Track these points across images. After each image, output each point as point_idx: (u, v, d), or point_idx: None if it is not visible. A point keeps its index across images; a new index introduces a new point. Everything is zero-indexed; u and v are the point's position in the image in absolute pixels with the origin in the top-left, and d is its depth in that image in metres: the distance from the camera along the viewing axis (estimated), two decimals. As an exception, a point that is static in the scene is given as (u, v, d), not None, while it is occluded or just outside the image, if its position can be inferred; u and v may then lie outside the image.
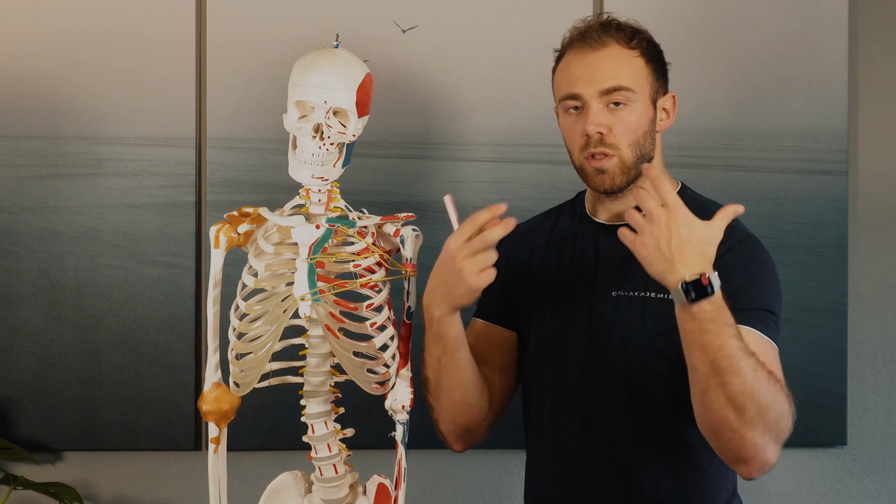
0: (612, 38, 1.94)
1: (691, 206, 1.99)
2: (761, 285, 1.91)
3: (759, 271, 1.92)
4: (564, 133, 1.98)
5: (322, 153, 1.75)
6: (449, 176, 2.73)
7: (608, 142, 1.92)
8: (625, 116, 1.92)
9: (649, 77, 1.96)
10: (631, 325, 1.93)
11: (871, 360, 2.85)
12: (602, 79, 1.91)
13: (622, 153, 1.92)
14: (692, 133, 2.74)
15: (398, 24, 2.71)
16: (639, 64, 1.94)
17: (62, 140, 2.69)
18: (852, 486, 2.84)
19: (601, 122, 1.91)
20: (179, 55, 2.69)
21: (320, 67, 1.75)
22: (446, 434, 2.04)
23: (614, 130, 1.92)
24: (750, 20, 2.75)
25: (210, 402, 1.81)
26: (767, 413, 1.72)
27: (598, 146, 1.92)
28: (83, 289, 2.68)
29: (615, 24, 1.96)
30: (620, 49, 1.94)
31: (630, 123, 1.92)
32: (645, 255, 1.72)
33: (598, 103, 1.91)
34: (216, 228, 1.79)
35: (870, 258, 2.84)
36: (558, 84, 1.99)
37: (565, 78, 1.96)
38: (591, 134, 1.91)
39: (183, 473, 2.75)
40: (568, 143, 1.98)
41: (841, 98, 2.76)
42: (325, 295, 1.72)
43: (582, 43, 1.95)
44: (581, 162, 1.96)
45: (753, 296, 1.88)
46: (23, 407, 2.68)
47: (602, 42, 1.93)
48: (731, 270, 1.86)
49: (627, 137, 1.92)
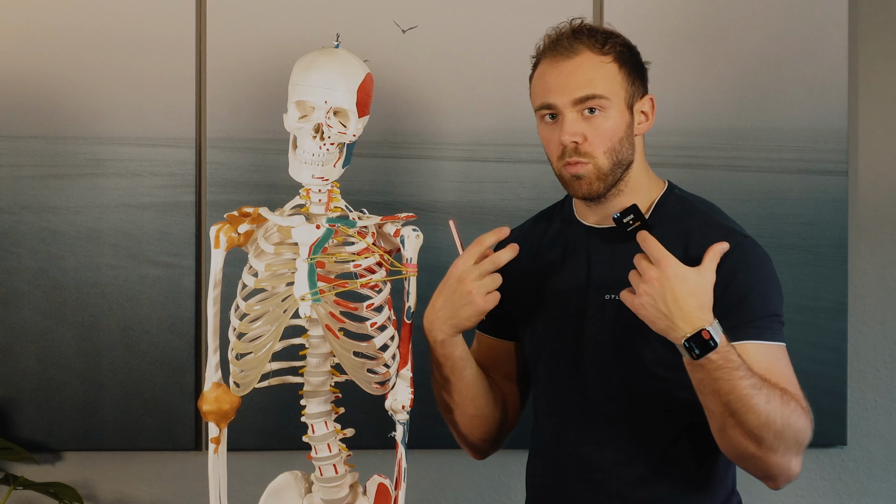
0: (584, 45, 1.92)
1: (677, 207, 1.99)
2: (764, 290, 1.91)
3: (760, 275, 1.91)
4: (543, 142, 1.98)
5: (322, 153, 1.75)
6: (449, 176, 2.73)
7: (583, 150, 1.90)
8: (599, 123, 1.90)
9: (623, 82, 1.93)
10: (625, 329, 1.93)
11: (871, 360, 2.85)
12: (575, 87, 1.90)
13: (597, 161, 1.91)
14: (692, 133, 2.74)
15: (398, 24, 2.71)
16: (612, 70, 1.92)
17: (62, 140, 2.69)
18: (852, 486, 2.85)
19: (575, 131, 1.90)
20: (179, 55, 2.69)
21: (321, 67, 1.75)
22: (467, 446, 2.10)
23: (589, 139, 1.90)
24: (750, 20, 2.75)
25: (210, 402, 1.81)
26: (786, 435, 1.78)
27: (573, 155, 1.91)
28: (83, 289, 2.68)
29: (587, 29, 1.94)
30: (592, 56, 1.91)
31: (605, 130, 1.91)
32: (646, 315, 1.77)
33: (573, 112, 1.90)
34: (216, 228, 1.79)
35: (870, 258, 2.84)
36: (534, 93, 1.98)
37: (540, 87, 1.95)
38: (565, 143, 1.90)
39: (183, 473, 2.75)
40: (547, 152, 1.98)
41: (841, 98, 2.76)
42: (325, 295, 1.72)
43: (553, 51, 1.93)
44: (559, 170, 1.95)
45: (758, 304, 1.88)
46: (23, 407, 2.68)
47: (574, 49, 1.92)
48: (732, 278, 1.87)
49: (603, 145, 1.91)
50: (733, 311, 1.87)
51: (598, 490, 1.97)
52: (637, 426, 1.95)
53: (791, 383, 1.85)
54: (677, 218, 1.97)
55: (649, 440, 1.95)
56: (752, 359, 1.85)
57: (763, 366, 1.85)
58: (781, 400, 1.77)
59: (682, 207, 1.99)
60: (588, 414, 1.98)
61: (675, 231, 1.94)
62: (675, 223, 1.96)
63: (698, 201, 2.02)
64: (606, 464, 1.97)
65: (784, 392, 1.79)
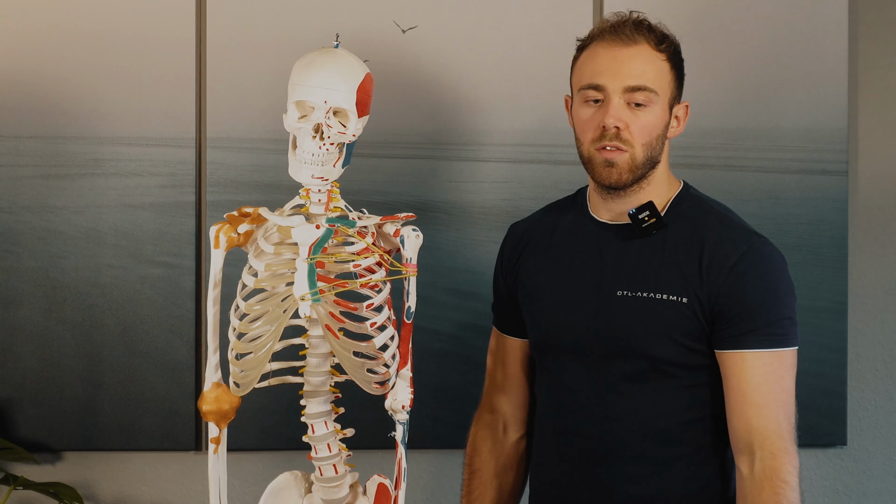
0: (644, 38, 1.94)
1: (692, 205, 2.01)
2: (774, 294, 1.92)
3: (770, 279, 1.93)
4: (578, 122, 1.98)
5: (322, 153, 1.75)
6: (449, 176, 2.73)
7: (623, 137, 1.92)
8: (643, 116, 1.93)
9: (671, 83, 1.97)
10: (638, 325, 1.94)
11: (871, 360, 2.85)
12: (628, 75, 1.92)
13: (635, 151, 1.93)
14: (692, 133, 2.73)
15: (398, 24, 2.71)
16: (665, 67, 1.95)
17: (62, 140, 2.69)
18: (852, 486, 2.85)
19: (621, 116, 1.92)
20: (179, 55, 2.69)
21: (320, 67, 1.75)
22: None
23: (631, 128, 1.92)
24: (750, 20, 2.75)
25: (210, 402, 1.81)
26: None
27: (613, 140, 1.92)
28: (83, 289, 2.68)
29: (647, 24, 1.97)
30: (650, 49, 1.94)
31: (647, 124, 1.93)
32: None
33: (620, 98, 1.92)
34: (216, 228, 1.79)
35: (870, 258, 2.84)
36: (580, 72, 1.98)
37: (590, 68, 1.96)
38: (608, 126, 1.92)
39: (183, 473, 2.75)
40: (579, 133, 1.98)
41: (841, 98, 2.76)
42: (325, 295, 1.72)
43: (613, 36, 1.95)
44: (590, 152, 1.96)
45: (766, 309, 1.90)
46: (23, 407, 2.68)
47: (633, 39, 1.94)
48: (742, 283, 1.89)
49: (642, 137, 1.93)
50: (742, 318, 1.89)
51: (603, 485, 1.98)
52: (644, 423, 1.95)
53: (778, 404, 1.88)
54: (692, 217, 1.99)
55: (658, 439, 1.95)
56: (747, 370, 1.88)
57: (756, 380, 1.88)
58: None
59: (697, 207, 2.01)
60: (599, 412, 1.98)
61: (690, 230, 1.96)
62: (689, 222, 1.98)
63: (713, 201, 2.04)
64: (613, 462, 1.97)
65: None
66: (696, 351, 1.93)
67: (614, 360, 1.96)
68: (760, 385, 1.88)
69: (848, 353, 2.77)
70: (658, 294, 1.93)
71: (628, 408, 1.96)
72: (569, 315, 2.00)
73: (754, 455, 1.88)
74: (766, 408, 1.88)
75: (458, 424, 2.60)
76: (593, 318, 1.98)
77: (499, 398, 2.19)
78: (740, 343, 1.89)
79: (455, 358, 2.69)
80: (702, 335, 1.93)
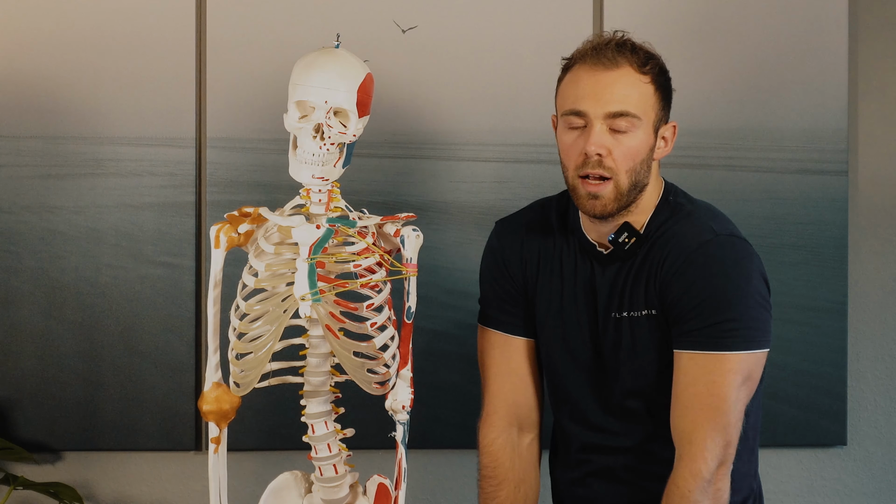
0: (626, 60, 1.88)
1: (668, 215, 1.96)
2: (721, 296, 1.87)
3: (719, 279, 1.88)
4: (562, 147, 1.94)
5: (322, 153, 1.75)
6: (449, 176, 2.73)
7: (606, 164, 1.88)
8: (626, 142, 1.88)
9: (655, 105, 1.91)
10: (637, 343, 1.94)
11: (871, 360, 2.85)
12: (610, 101, 1.87)
13: (619, 178, 1.89)
14: (692, 133, 2.73)
15: (398, 24, 2.71)
16: (648, 91, 1.90)
17: (62, 140, 2.69)
18: (852, 486, 2.85)
19: (602, 143, 1.87)
20: (179, 55, 2.69)
21: (321, 67, 1.75)
22: None
23: (613, 154, 1.88)
24: (750, 20, 2.75)
25: (210, 402, 1.81)
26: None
27: (595, 167, 1.88)
28: (83, 289, 2.68)
29: (630, 45, 1.91)
30: (632, 73, 1.88)
31: (630, 149, 1.88)
32: None
33: (602, 124, 1.87)
34: (216, 228, 1.79)
35: (870, 258, 2.84)
36: (563, 96, 1.94)
37: (572, 92, 1.91)
38: (590, 154, 1.87)
39: (183, 473, 2.75)
40: (564, 159, 1.94)
41: (841, 98, 2.76)
42: (325, 295, 1.72)
43: (595, 60, 1.89)
44: (575, 182, 1.91)
45: (711, 311, 1.87)
46: (23, 407, 2.68)
47: (615, 62, 1.88)
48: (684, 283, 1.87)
49: (626, 163, 1.88)
50: (681, 318, 1.88)
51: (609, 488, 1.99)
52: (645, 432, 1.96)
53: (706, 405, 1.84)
54: (665, 227, 1.96)
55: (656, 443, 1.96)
56: (680, 369, 1.88)
57: (687, 379, 1.86)
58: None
59: (672, 212, 1.97)
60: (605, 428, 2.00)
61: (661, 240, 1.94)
62: (660, 232, 1.95)
63: (689, 204, 2.00)
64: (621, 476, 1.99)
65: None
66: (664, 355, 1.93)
67: (614, 379, 1.97)
68: (689, 386, 1.86)
69: (848, 353, 2.77)
70: (640, 311, 1.93)
71: (633, 421, 1.97)
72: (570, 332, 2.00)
73: (680, 454, 1.87)
74: (688, 409, 1.85)
75: (458, 424, 2.61)
76: (592, 339, 1.99)
77: (509, 401, 2.10)
78: (677, 343, 1.89)
79: (455, 358, 2.69)
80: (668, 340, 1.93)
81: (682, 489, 1.83)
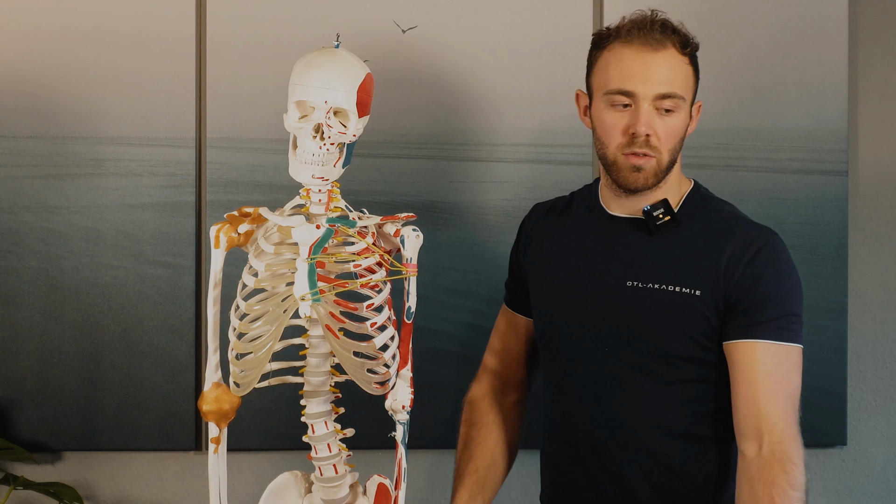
0: (670, 41, 1.93)
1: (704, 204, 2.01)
2: (787, 289, 1.94)
3: (783, 274, 1.95)
4: (602, 125, 1.96)
5: (322, 153, 1.76)
6: (449, 176, 2.73)
7: (652, 143, 1.93)
8: (670, 122, 1.94)
9: (693, 86, 1.99)
10: (649, 316, 1.94)
11: (871, 360, 2.85)
12: (658, 83, 1.91)
13: (661, 157, 1.95)
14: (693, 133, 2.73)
15: (398, 24, 2.71)
16: (689, 72, 1.96)
17: (62, 140, 2.69)
18: (852, 486, 2.84)
19: (651, 124, 1.92)
20: (179, 55, 2.69)
21: (321, 67, 1.75)
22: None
23: (659, 133, 1.93)
24: (749, 20, 2.75)
25: (210, 402, 1.81)
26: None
27: (642, 147, 1.93)
28: (83, 289, 2.68)
29: (671, 26, 1.96)
30: (676, 54, 1.94)
31: (673, 129, 1.94)
32: None
33: (650, 105, 1.92)
34: (216, 228, 1.79)
35: (870, 258, 2.84)
36: (605, 74, 1.96)
37: (617, 71, 1.94)
38: (639, 134, 1.92)
39: (183, 473, 2.75)
40: (603, 136, 1.97)
41: (841, 98, 2.76)
42: (325, 295, 1.72)
43: (641, 39, 1.92)
44: (616, 156, 1.95)
45: (779, 303, 1.92)
46: (23, 407, 2.68)
47: (661, 43, 1.92)
48: (757, 276, 1.91)
49: (669, 142, 1.95)
50: (754, 309, 1.90)
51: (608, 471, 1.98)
52: (648, 414, 1.96)
53: (786, 395, 1.88)
54: (705, 214, 2.01)
55: (659, 427, 1.96)
56: (758, 359, 1.88)
57: (767, 369, 1.88)
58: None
59: (708, 204, 2.03)
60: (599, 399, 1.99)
61: (704, 226, 1.98)
62: (702, 219, 2.00)
63: (722, 200, 2.06)
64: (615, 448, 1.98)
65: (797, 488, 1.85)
66: (703, 344, 1.94)
67: (621, 350, 1.96)
68: (770, 374, 1.88)
69: (848, 353, 2.77)
70: (671, 286, 1.94)
71: (631, 398, 1.97)
72: (574, 304, 2.01)
73: (762, 439, 1.87)
74: (776, 395, 1.88)
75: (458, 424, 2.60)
76: (599, 309, 1.98)
77: (498, 367, 2.21)
78: (752, 333, 1.90)
79: (455, 358, 2.69)
80: (710, 329, 1.93)
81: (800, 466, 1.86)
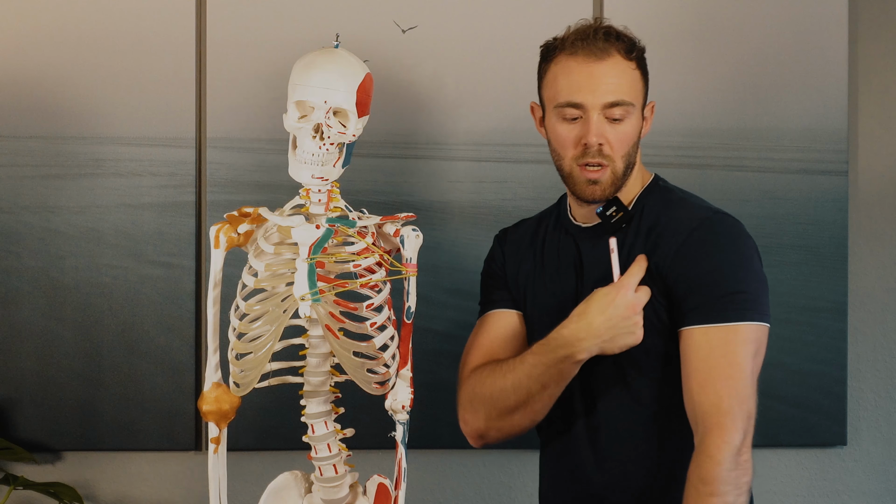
0: (615, 49, 1.93)
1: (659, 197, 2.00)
2: (728, 269, 1.90)
3: (723, 253, 1.91)
4: (556, 138, 1.97)
5: (322, 153, 1.76)
6: (449, 176, 2.73)
7: (605, 152, 1.92)
8: (622, 129, 1.93)
9: (642, 90, 1.97)
10: None
11: (871, 360, 2.85)
12: (606, 92, 1.91)
13: (615, 164, 1.93)
14: (692, 133, 2.74)
15: (398, 24, 2.71)
16: (636, 76, 1.95)
17: (62, 140, 2.69)
18: (852, 486, 2.84)
19: (602, 133, 1.91)
20: (179, 55, 2.69)
21: (320, 67, 1.75)
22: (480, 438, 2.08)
23: (612, 142, 1.92)
24: (750, 20, 2.75)
25: (210, 402, 1.81)
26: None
27: (595, 157, 1.92)
28: (83, 289, 2.68)
29: (615, 33, 1.95)
30: (622, 60, 1.93)
31: (625, 135, 1.93)
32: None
33: (600, 114, 1.91)
34: (216, 228, 1.79)
35: (870, 258, 2.84)
36: (554, 88, 1.97)
37: (566, 84, 1.94)
38: (591, 144, 1.91)
39: (183, 473, 2.75)
40: (558, 148, 1.97)
41: (841, 98, 2.76)
42: (325, 295, 1.72)
43: (585, 50, 1.93)
44: (572, 167, 1.95)
45: (718, 283, 1.88)
46: (23, 407, 2.68)
47: (606, 52, 1.92)
48: (690, 260, 1.89)
49: (622, 149, 1.94)
50: (690, 292, 1.89)
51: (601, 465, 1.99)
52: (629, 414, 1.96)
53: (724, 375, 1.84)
54: (657, 207, 1.99)
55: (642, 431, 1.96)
56: (693, 346, 1.88)
57: (701, 354, 1.86)
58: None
59: (662, 197, 2.02)
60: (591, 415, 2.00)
61: (653, 220, 1.97)
62: (652, 212, 1.98)
63: (680, 190, 2.04)
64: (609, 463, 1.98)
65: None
66: (670, 339, 1.93)
67: (598, 360, 1.96)
68: (705, 360, 1.85)
69: (848, 353, 2.77)
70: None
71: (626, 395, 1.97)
72: (552, 320, 2.00)
73: (696, 431, 1.85)
74: (708, 382, 1.84)
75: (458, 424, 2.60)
76: None
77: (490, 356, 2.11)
78: (687, 320, 1.89)
79: (455, 358, 2.67)
80: (670, 322, 1.93)
81: (716, 458, 1.80)
